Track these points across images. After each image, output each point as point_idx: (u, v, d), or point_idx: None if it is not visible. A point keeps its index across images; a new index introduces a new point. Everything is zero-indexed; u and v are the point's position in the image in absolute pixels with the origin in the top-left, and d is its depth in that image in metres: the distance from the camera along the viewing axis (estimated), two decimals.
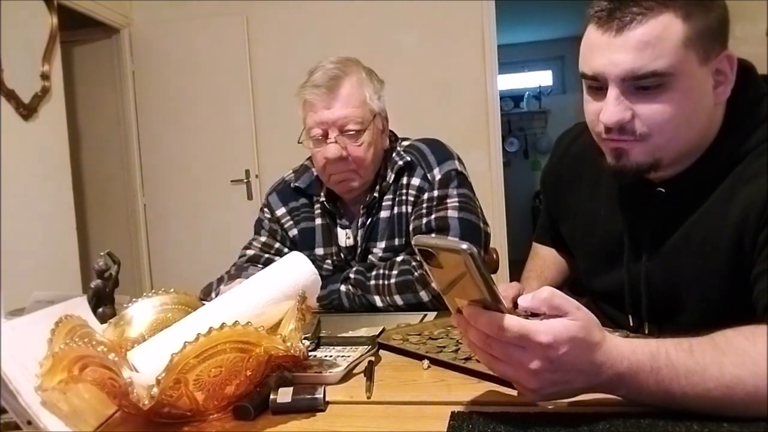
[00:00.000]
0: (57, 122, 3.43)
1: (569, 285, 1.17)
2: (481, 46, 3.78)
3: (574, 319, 0.60)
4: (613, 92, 0.79)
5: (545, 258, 1.21)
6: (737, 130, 0.82)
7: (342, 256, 1.36)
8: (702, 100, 0.79)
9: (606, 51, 0.78)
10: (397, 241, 1.32)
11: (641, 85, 0.78)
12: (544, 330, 0.59)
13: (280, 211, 1.40)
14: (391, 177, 1.33)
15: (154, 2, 4.13)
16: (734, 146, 0.81)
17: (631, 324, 0.94)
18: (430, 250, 0.60)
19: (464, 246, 0.56)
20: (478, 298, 0.60)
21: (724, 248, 0.79)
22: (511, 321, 0.59)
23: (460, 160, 1.34)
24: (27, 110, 3.15)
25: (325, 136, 1.26)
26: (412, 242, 0.62)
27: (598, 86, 0.82)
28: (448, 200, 1.27)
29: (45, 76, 3.29)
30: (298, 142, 1.33)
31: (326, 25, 3.90)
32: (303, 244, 1.36)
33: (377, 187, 1.33)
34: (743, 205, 0.77)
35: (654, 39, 0.75)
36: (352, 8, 3.87)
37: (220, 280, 1.30)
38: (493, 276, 0.63)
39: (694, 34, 0.76)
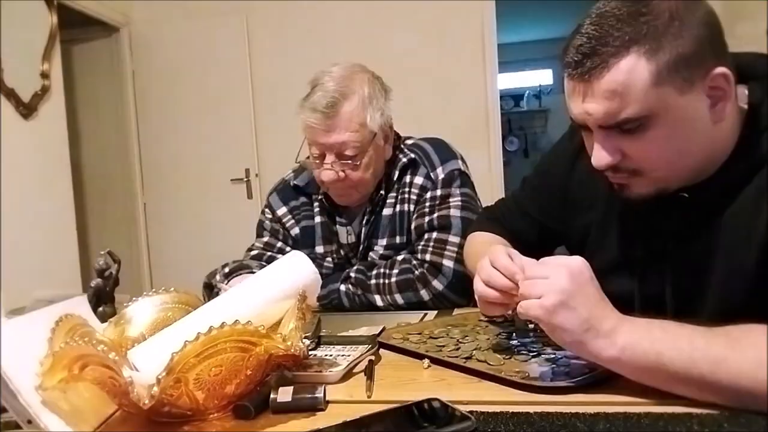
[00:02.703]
0: (57, 121, 3.43)
1: None
2: (481, 46, 3.79)
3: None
4: (598, 137, 0.79)
5: (501, 240, 1.14)
6: (764, 133, 0.79)
7: (342, 253, 1.36)
8: (694, 127, 0.76)
9: (579, 100, 0.78)
10: (398, 239, 1.32)
11: (621, 128, 0.76)
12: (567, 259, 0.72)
13: (281, 211, 1.40)
14: (395, 174, 1.33)
15: (154, 1, 4.13)
16: (761, 149, 0.78)
17: None
18: None
19: None
20: None
21: (753, 252, 0.77)
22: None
23: (463, 159, 1.35)
24: (27, 109, 3.16)
25: (323, 157, 1.25)
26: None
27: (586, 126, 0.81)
28: (451, 199, 1.28)
29: (45, 75, 3.30)
30: (296, 161, 1.33)
31: (326, 25, 3.90)
32: (304, 242, 1.37)
33: (383, 185, 1.33)
34: None
35: (620, 86, 0.73)
36: (351, 8, 3.87)
37: (224, 267, 1.29)
38: None
39: (665, 68, 0.72)
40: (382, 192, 1.33)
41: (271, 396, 0.71)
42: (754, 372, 0.59)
